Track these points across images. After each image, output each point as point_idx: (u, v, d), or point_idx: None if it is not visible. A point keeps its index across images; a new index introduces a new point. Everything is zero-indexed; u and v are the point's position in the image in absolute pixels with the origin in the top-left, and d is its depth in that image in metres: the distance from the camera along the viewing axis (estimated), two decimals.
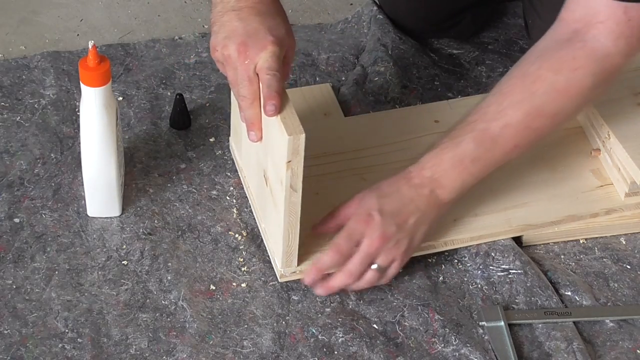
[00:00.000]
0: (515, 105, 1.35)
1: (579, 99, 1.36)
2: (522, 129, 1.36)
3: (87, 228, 1.48)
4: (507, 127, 1.36)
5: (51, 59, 1.74)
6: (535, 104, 1.35)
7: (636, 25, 1.33)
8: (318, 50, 1.78)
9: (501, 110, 1.36)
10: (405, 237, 1.37)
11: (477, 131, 1.37)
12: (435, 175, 1.38)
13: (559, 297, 1.43)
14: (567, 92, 1.35)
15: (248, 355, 1.35)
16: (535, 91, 1.35)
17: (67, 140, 1.60)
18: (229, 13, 1.34)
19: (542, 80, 1.35)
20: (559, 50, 1.35)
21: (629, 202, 1.51)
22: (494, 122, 1.36)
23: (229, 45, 1.32)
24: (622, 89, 1.58)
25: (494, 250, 1.46)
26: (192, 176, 1.56)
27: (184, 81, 1.72)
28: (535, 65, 1.36)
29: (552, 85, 1.34)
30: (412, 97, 1.71)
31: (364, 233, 1.35)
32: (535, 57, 1.37)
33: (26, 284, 1.41)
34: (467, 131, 1.37)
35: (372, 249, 1.35)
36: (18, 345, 1.34)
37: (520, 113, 1.35)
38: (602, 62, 1.33)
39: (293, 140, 1.26)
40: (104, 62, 1.38)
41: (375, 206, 1.36)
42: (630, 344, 1.39)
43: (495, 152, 1.37)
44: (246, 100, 1.33)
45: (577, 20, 1.35)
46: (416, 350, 1.37)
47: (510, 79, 1.38)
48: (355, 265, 1.36)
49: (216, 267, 1.45)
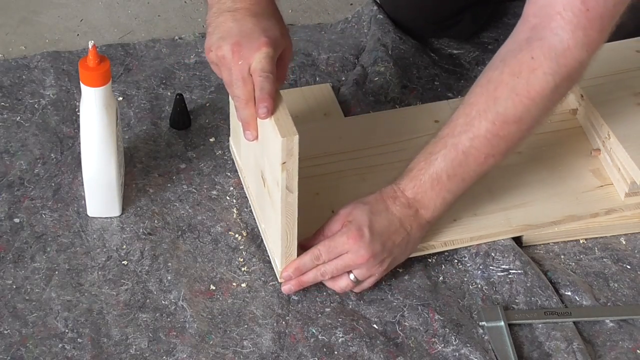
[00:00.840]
0: (481, 114, 1.34)
1: (542, 100, 1.33)
2: (491, 139, 1.35)
3: (87, 228, 1.48)
4: (475, 139, 1.35)
5: (51, 59, 1.74)
6: (499, 111, 1.33)
7: (595, 16, 1.29)
8: (318, 50, 1.78)
9: (469, 122, 1.35)
10: (389, 257, 1.38)
11: (449, 147, 1.36)
12: (417, 196, 1.38)
13: (559, 297, 1.43)
14: (528, 95, 1.32)
15: (248, 355, 1.35)
16: (498, 97, 1.33)
17: (67, 140, 1.60)
18: (224, 14, 1.34)
19: (503, 85, 1.33)
20: (518, 52, 1.32)
21: (629, 202, 1.51)
22: (463, 135, 1.35)
23: (223, 46, 1.32)
24: (622, 89, 1.58)
25: (494, 250, 1.46)
26: (192, 176, 1.56)
27: (184, 81, 1.72)
28: (498, 70, 1.34)
29: (512, 90, 1.32)
30: (412, 97, 1.71)
31: (350, 248, 1.36)
32: (499, 61, 1.35)
33: (26, 284, 1.41)
34: (439, 147, 1.37)
35: (354, 263, 1.37)
36: (18, 345, 1.34)
37: (486, 123, 1.34)
38: (560, 58, 1.30)
39: (287, 142, 1.26)
40: (104, 62, 1.38)
41: (367, 222, 1.36)
42: (630, 344, 1.39)
43: (469, 165, 1.37)
44: (240, 101, 1.33)
45: (537, 14, 1.31)
46: (416, 350, 1.37)
47: (476, 87, 1.37)
48: (332, 269, 1.37)
49: (216, 267, 1.45)
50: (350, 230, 1.36)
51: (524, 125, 1.35)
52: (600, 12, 1.29)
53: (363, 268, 1.37)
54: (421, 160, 1.39)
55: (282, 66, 1.36)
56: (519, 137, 1.36)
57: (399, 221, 1.38)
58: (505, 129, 1.34)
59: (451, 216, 1.48)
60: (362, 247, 1.36)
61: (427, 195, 1.38)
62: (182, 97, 1.63)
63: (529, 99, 1.32)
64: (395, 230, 1.38)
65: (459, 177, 1.38)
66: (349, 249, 1.36)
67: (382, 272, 1.39)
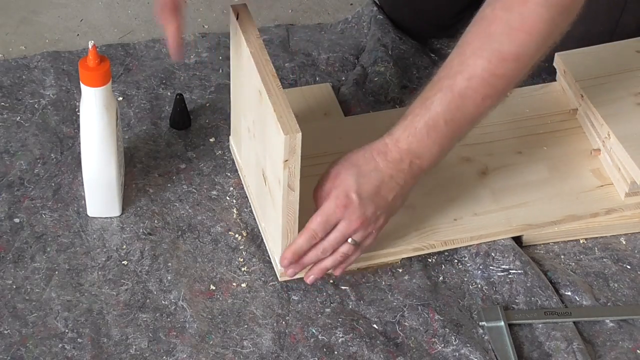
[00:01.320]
0: (477, 52, 1.30)
1: (537, 34, 1.29)
2: (488, 78, 1.30)
3: (87, 228, 1.48)
4: (472, 79, 1.30)
5: (51, 59, 1.74)
6: (494, 47, 1.29)
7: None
8: (318, 50, 1.78)
9: (464, 61, 1.31)
10: (384, 213, 1.35)
11: (444, 90, 1.31)
12: (411, 146, 1.33)
13: (559, 297, 1.43)
14: (522, 28, 1.28)
15: (248, 355, 1.35)
16: (492, 33, 1.29)
17: (67, 140, 1.60)
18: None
19: (497, 20, 1.29)
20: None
21: (629, 202, 1.51)
22: (459, 75, 1.31)
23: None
24: (622, 89, 1.58)
25: (494, 250, 1.46)
26: (192, 176, 1.56)
27: (184, 81, 1.72)
28: (490, 7, 1.31)
29: (507, 24, 1.28)
30: (412, 97, 1.70)
31: (341, 217, 1.33)
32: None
33: (26, 284, 1.41)
34: (435, 91, 1.32)
35: (350, 230, 1.34)
36: (18, 345, 1.34)
37: (482, 61, 1.29)
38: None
39: (289, 139, 1.26)
40: (104, 62, 1.38)
41: (354, 187, 1.33)
42: (630, 344, 1.39)
43: (466, 108, 1.32)
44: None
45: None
46: (416, 350, 1.37)
47: (470, 27, 1.33)
48: (331, 243, 1.35)
49: (216, 267, 1.45)
50: (337, 198, 1.33)
51: (521, 62, 1.31)
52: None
53: (360, 231, 1.34)
54: (416, 106, 1.34)
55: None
56: (515, 76, 1.32)
57: (390, 177, 1.34)
58: (503, 67, 1.30)
59: (451, 216, 1.48)
60: (353, 213, 1.33)
61: (423, 144, 1.33)
62: (182, 97, 1.63)
63: (525, 33, 1.29)
64: (387, 188, 1.34)
65: (456, 123, 1.33)
66: (340, 217, 1.33)
67: (380, 228, 1.37)
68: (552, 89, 1.66)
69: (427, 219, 1.48)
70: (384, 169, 1.34)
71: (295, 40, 1.82)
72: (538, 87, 1.67)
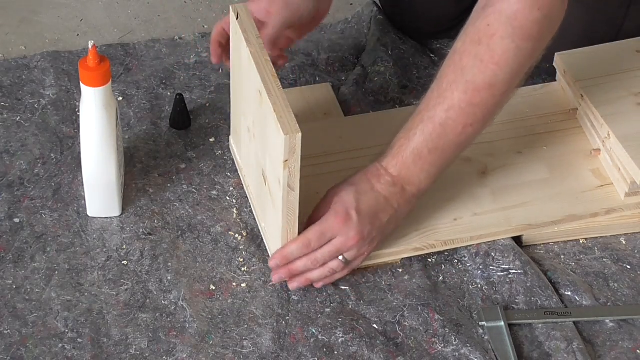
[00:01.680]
0: (452, 85, 1.35)
1: (506, 65, 1.33)
2: (465, 108, 1.35)
3: (87, 228, 1.48)
4: (450, 109, 1.36)
5: (51, 59, 1.74)
6: (467, 79, 1.34)
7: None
8: (318, 50, 1.78)
9: (441, 94, 1.36)
10: (378, 235, 1.40)
11: (425, 121, 1.37)
12: (401, 173, 1.39)
13: (559, 297, 1.43)
14: (492, 60, 1.33)
15: (248, 355, 1.35)
16: (464, 67, 1.34)
17: (67, 140, 1.60)
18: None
19: (467, 54, 1.34)
20: (477, 20, 1.34)
21: (629, 202, 1.51)
22: (438, 107, 1.36)
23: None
24: (622, 89, 1.58)
25: (494, 250, 1.46)
26: (192, 176, 1.56)
27: (184, 81, 1.72)
28: (461, 41, 1.36)
29: (476, 57, 1.33)
30: (412, 97, 1.71)
31: (339, 232, 1.37)
32: (462, 32, 1.37)
33: (26, 284, 1.41)
34: (417, 122, 1.38)
35: (345, 247, 1.38)
36: (18, 345, 1.34)
37: (458, 93, 1.35)
38: (513, 21, 1.31)
39: (289, 139, 1.26)
40: (104, 62, 1.38)
41: (353, 204, 1.37)
42: (630, 344, 1.39)
43: (447, 136, 1.37)
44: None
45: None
46: (416, 350, 1.37)
47: (446, 60, 1.38)
48: (324, 255, 1.38)
49: (216, 267, 1.45)
50: (337, 214, 1.37)
51: (496, 90, 1.35)
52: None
53: (354, 249, 1.38)
54: (401, 137, 1.40)
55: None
56: (493, 104, 1.37)
57: (385, 199, 1.39)
58: (478, 97, 1.35)
59: (451, 216, 1.48)
60: (351, 229, 1.36)
61: (410, 171, 1.39)
62: (182, 97, 1.63)
63: (494, 64, 1.33)
64: (382, 209, 1.39)
65: (440, 151, 1.38)
66: (338, 233, 1.37)
67: (371, 251, 1.41)
68: (552, 89, 1.66)
69: (427, 219, 1.48)
70: (380, 190, 1.39)
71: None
72: (538, 87, 1.67)
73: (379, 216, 1.38)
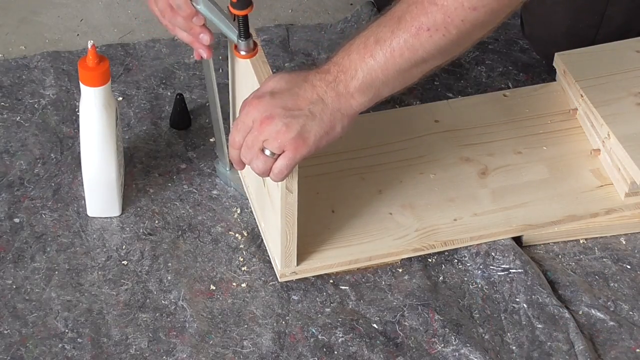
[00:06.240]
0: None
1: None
2: (427, 5, 1.21)
3: (87, 228, 1.48)
4: (413, 4, 1.22)
5: (51, 59, 1.74)
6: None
7: None
8: (318, 50, 1.78)
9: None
10: (296, 123, 1.25)
11: (384, 16, 1.25)
12: (340, 60, 1.25)
13: (558, 297, 1.43)
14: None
15: (248, 355, 1.35)
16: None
17: (67, 140, 1.60)
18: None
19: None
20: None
21: (629, 202, 1.51)
22: (403, 4, 1.24)
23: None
24: (622, 89, 1.59)
25: (494, 250, 1.46)
26: (192, 176, 1.56)
27: (184, 81, 1.72)
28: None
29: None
30: (412, 97, 1.71)
31: (251, 116, 1.26)
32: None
33: (26, 284, 1.41)
34: (377, 19, 1.26)
35: (260, 131, 1.25)
36: (18, 345, 1.34)
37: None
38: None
39: None
40: (104, 62, 1.38)
41: (268, 88, 1.27)
42: (630, 343, 1.39)
43: (400, 32, 1.23)
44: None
45: None
46: (416, 350, 1.37)
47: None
48: (245, 150, 1.28)
49: (216, 267, 1.45)
50: (248, 100, 1.28)
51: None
52: None
53: (271, 135, 1.25)
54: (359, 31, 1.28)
55: None
56: (456, 14, 1.22)
57: (305, 79, 1.26)
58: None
59: (451, 216, 1.48)
60: (261, 110, 1.25)
61: (349, 58, 1.25)
62: (182, 97, 1.63)
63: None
64: (305, 96, 1.25)
65: (387, 47, 1.23)
66: (252, 117, 1.26)
67: (293, 144, 1.26)
68: (552, 89, 1.66)
69: (427, 219, 1.48)
70: (303, 74, 1.27)
71: (295, 40, 1.82)
72: (538, 87, 1.67)
73: (298, 101, 1.25)
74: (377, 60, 1.25)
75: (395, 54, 1.24)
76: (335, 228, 1.46)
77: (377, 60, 1.25)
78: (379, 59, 1.24)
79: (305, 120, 1.26)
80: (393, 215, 1.48)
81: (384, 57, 1.24)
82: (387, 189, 1.51)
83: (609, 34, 1.67)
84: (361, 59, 1.24)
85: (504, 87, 1.73)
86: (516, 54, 1.79)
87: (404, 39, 1.23)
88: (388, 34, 1.24)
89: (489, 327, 1.40)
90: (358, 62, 1.25)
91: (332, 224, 1.46)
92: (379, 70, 1.25)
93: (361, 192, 1.50)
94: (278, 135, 1.25)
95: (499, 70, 1.77)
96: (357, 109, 1.28)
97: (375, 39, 1.24)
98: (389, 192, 1.51)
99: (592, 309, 1.42)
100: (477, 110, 1.63)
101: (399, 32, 1.23)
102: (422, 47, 1.24)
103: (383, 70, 1.25)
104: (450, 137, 1.58)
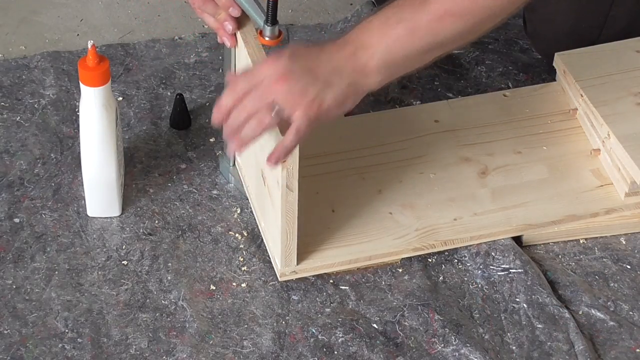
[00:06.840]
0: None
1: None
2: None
3: (87, 228, 1.49)
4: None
5: (51, 59, 1.74)
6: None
7: None
8: None
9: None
10: (314, 88, 1.21)
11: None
12: (360, 35, 1.23)
13: (558, 297, 1.43)
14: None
15: (248, 355, 1.35)
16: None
17: (67, 140, 1.61)
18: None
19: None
20: None
21: (629, 202, 1.51)
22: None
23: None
24: (622, 89, 1.59)
25: (494, 250, 1.46)
26: (192, 176, 1.56)
27: (184, 81, 1.72)
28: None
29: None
30: (412, 97, 1.71)
31: (266, 72, 1.21)
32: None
33: (26, 284, 1.41)
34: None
35: (270, 86, 1.20)
36: (18, 345, 1.34)
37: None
38: None
39: None
40: (104, 62, 1.38)
41: (288, 52, 1.22)
42: (630, 343, 1.39)
43: (423, 15, 1.21)
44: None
45: None
46: (416, 350, 1.37)
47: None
48: (253, 101, 1.21)
49: (216, 267, 1.45)
50: (268, 58, 1.23)
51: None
52: None
53: (283, 93, 1.20)
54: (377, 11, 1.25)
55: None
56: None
57: (330, 55, 1.22)
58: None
59: (451, 216, 1.48)
60: (278, 68, 1.20)
61: (370, 34, 1.22)
62: (182, 97, 1.63)
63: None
64: (324, 64, 1.22)
65: (409, 27, 1.21)
66: (264, 73, 1.21)
67: (308, 107, 1.21)
68: (552, 89, 1.66)
69: (427, 219, 1.48)
70: (327, 47, 1.24)
71: (295, 40, 1.82)
72: (538, 87, 1.67)
73: (317, 67, 1.21)
74: (398, 40, 1.22)
75: (416, 36, 1.22)
76: (335, 228, 1.46)
77: (398, 41, 1.22)
78: (400, 39, 1.22)
79: (323, 86, 1.22)
80: (393, 215, 1.48)
81: (406, 38, 1.22)
82: (387, 188, 1.51)
83: (611, 35, 1.67)
84: (382, 37, 1.22)
85: (504, 87, 1.73)
86: (516, 54, 1.79)
87: (427, 21, 1.22)
88: (411, 15, 1.22)
89: (489, 327, 1.40)
90: (378, 39, 1.22)
91: (332, 224, 1.46)
92: (399, 50, 1.23)
93: (361, 192, 1.50)
94: (292, 97, 1.21)
95: (499, 70, 1.77)
96: (371, 86, 1.25)
97: (397, 19, 1.22)
98: (388, 191, 1.51)
99: (592, 309, 1.42)
100: (477, 110, 1.63)
101: (423, 15, 1.22)
102: (443, 31, 1.23)
103: (402, 50, 1.23)
104: (450, 137, 1.58)
